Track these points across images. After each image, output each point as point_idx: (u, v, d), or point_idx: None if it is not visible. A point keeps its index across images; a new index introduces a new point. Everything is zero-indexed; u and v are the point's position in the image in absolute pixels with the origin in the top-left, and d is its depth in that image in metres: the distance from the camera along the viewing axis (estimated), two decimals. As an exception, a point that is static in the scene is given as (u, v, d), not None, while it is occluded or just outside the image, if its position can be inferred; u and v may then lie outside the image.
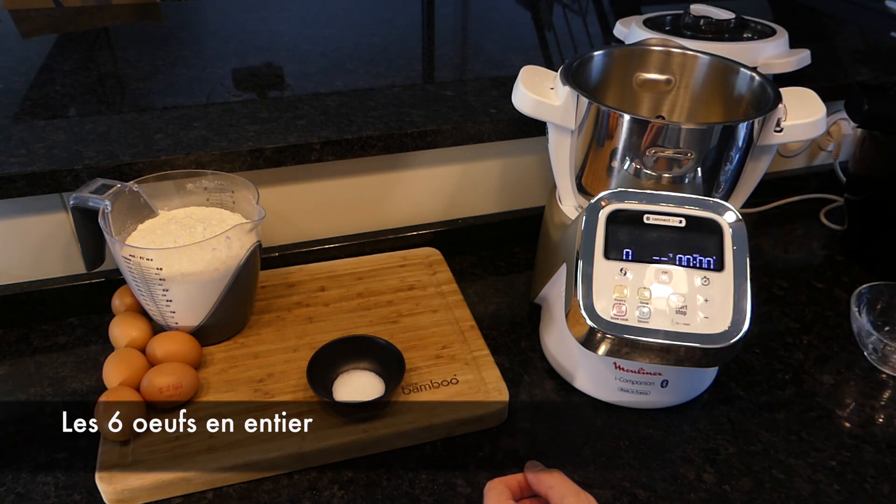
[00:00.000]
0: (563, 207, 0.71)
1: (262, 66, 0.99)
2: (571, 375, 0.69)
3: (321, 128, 0.78)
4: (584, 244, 0.60)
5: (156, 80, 0.93)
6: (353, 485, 0.60)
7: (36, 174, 0.68)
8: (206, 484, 0.59)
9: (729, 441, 0.64)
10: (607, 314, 0.58)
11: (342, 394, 0.64)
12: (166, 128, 0.77)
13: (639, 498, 0.59)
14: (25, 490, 0.59)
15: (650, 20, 0.99)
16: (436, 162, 0.85)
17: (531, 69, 0.69)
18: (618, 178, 0.64)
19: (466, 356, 0.69)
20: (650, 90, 0.73)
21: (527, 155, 0.88)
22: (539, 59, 1.05)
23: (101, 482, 0.56)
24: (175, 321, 0.67)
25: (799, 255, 0.94)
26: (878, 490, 0.60)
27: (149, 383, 0.61)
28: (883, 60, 1.06)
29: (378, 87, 0.89)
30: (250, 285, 0.72)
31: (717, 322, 0.58)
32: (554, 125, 0.67)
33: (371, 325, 0.74)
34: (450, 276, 0.81)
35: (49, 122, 0.79)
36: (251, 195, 0.70)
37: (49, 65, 0.97)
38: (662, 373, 0.65)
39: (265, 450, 0.59)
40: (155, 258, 0.62)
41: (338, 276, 0.81)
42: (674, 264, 0.60)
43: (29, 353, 0.73)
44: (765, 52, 0.90)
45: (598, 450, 0.63)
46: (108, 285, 0.75)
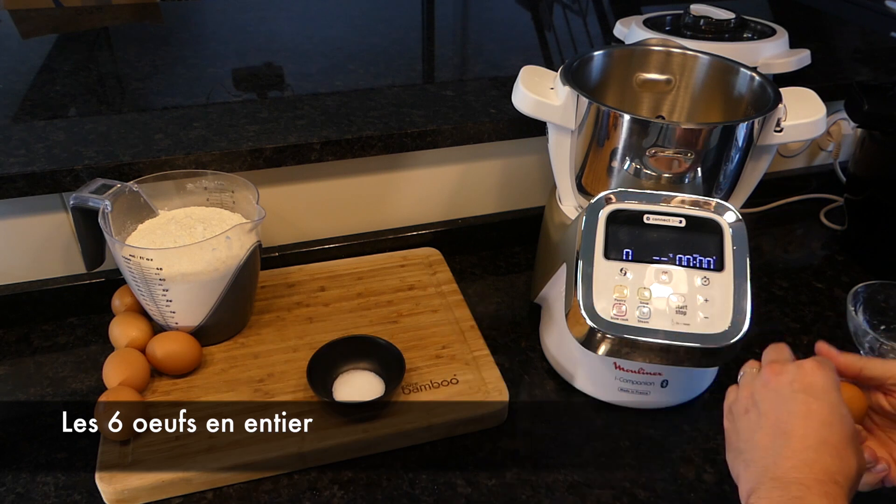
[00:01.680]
0: (563, 207, 0.71)
1: (262, 66, 0.99)
2: (571, 375, 0.69)
3: (321, 128, 0.78)
4: (584, 244, 0.60)
5: (156, 80, 0.93)
6: (353, 485, 0.60)
7: (36, 174, 0.68)
8: (206, 484, 0.59)
9: (729, 441, 0.64)
10: (607, 314, 0.58)
11: (342, 394, 0.64)
12: (166, 128, 0.77)
13: (639, 498, 0.59)
14: (25, 490, 0.59)
15: (650, 20, 0.99)
16: (436, 162, 0.85)
17: (531, 69, 0.69)
18: (618, 178, 0.64)
19: (466, 356, 0.69)
20: (650, 90, 0.73)
21: (527, 155, 0.88)
22: (539, 59, 1.05)
23: (101, 482, 0.56)
24: (175, 321, 0.67)
25: (799, 255, 0.94)
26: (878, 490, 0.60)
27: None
28: (883, 60, 1.06)
29: (378, 87, 0.89)
30: (250, 285, 0.72)
31: (717, 322, 0.58)
32: (554, 125, 0.67)
33: (371, 325, 0.74)
34: (450, 276, 0.81)
35: (49, 122, 0.79)
36: (251, 195, 0.70)
37: (49, 65, 0.97)
38: (662, 373, 0.65)
39: (265, 450, 0.59)
40: (155, 258, 0.62)
41: (338, 276, 0.81)
42: (674, 264, 0.60)
43: (29, 353, 0.73)
44: (765, 52, 0.90)
45: (598, 450, 0.63)
46: (108, 285, 0.75)
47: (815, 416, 0.44)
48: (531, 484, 0.60)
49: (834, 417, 0.44)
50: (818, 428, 0.44)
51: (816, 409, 0.44)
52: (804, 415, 0.44)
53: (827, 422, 0.44)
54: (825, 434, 0.43)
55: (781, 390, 0.46)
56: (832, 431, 0.44)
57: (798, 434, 0.44)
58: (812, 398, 0.45)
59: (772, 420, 0.45)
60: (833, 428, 0.44)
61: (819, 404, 0.45)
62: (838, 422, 0.44)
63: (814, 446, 0.43)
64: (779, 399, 0.46)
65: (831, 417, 0.44)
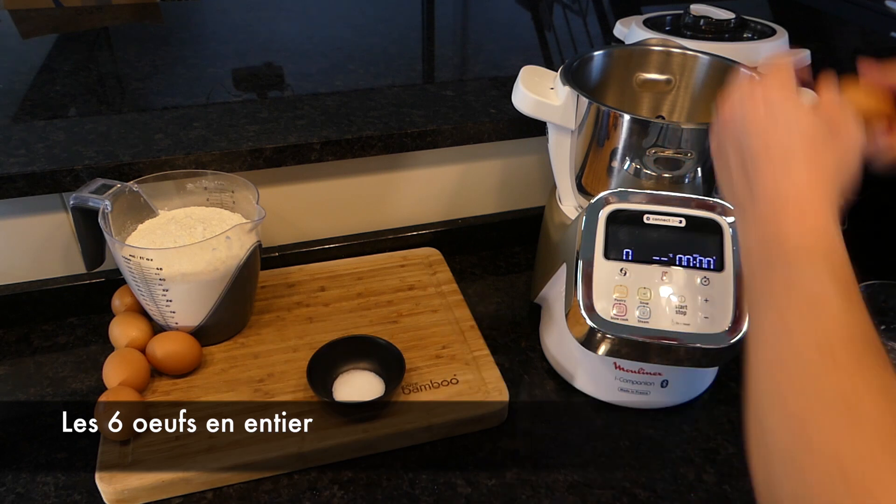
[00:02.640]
0: (563, 207, 0.71)
1: (262, 66, 0.99)
2: (571, 375, 0.69)
3: (321, 128, 0.78)
4: (584, 244, 0.60)
5: (156, 80, 0.93)
6: (353, 485, 0.60)
7: (36, 174, 0.68)
8: (206, 484, 0.59)
9: (729, 441, 0.64)
10: (607, 314, 0.58)
11: (342, 394, 0.64)
12: (166, 128, 0.77)
13: (639, 498, 0.59)
14: (25, 490, 0.59)
15: (650, 20, 0.99)
16: (436, 162, 0.85)
17: (531, 69, 0.69)
18: (618, 178, 0.64)
19: (466, 356, 0.69)
20: (650, 90, 0.73)
21: (527, 155, 0.88)
22: (539, 59, 1.05)
23: (101, 482, 0.56)
24: (175, 321, 0.67)
25: (799, 255, 0.94)
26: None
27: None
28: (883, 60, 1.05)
29: (378, 87, 0.89)
30: (250, 285, 0.72)
31: (717, 322, 0.58)
32: (554, 125, 0.67)
33: (371, 325, 0.74)
34: (450, 276, 0.81)
35: (49, 122, 0.79)
36: (251, 195, 0.70)
37: (49, 65, 0.97)
38: (662, 373, 0.65)
39: (265, 450, 0.59)
40: (155, 258, 0.62)
41: (338, 276, 0.81)
42: (674, 264, 0.60)
43: (29, 353, 0.73)
44: (765, 52, 0.90)
45: (598, 450, 0.63)
46: (108, 285, 0.75)
47: (773, 147, 0.43)
48: (531, 484, 0.60)
49: (792, 134, 0.43)
50: (781, 156, 0.42)
51: (775, 139, 0.43)
52: (764, 149, 0.43)
53: (784, 145, 0.43)
54: (788, 154, 0.42)
55: (737, 130, 0.45)
56: (793, 146, 0.42)
57: (765, 177, 0.43)
58: (768, 127, 0.44)
59: (738, 163, 0.45)
60: (793, 137, 0.43)
61: (775, 128, 0.43)
62: (796, 132, 0.43)
63: (781, 176, 0.42)
64: (736, 142, 0.45)
65: (788, 139, 0.43)
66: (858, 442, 0.32)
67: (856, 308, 0.37)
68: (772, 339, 0.38)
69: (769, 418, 0.36)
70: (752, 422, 0.37)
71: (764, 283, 0.41)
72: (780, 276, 0.39)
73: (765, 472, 0.35)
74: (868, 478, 0.30)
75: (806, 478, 0.32)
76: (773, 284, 0.40)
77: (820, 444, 0.33)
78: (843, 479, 0.31)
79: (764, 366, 0.38)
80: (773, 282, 0.40)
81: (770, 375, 0.38)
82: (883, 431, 0.31)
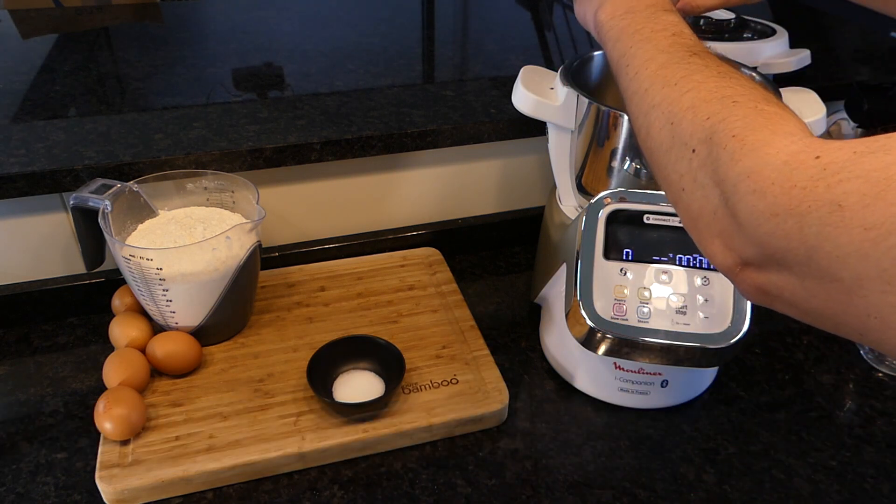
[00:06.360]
0: (563, 207, 0.71)
1: (262, 66, 0.99)
2: (571, 375, 0.69)
3: (321, 128, 0.78)
4: (584, 244, 0.60)
5: (156, 80, 0.93)
6: (353, 485, 0.60)
7: (36, 174, 0.68)
8: (206, 484, 0.59)
9: (729, 441, 0.64)
10: (607, 314, 0.58)
11: (342, 394, 0.64)
12: (166, 128, 0.77)
13: (639, 498, 0.59)
14: (25, 490, 0.59)
15: (650, 20, 0.98)
16: (436, 162, 0.85)
17: (531, 69, 0.69)
18: (618, 178, 0.64)
19: (466, 356, 0.69)
20: (650, 90, 0.73)
21: (527, 155, 0.88)
22: (539, 59, 1.05)
23: (101, 482, 0.56)
24: (175, 321, 0.67)
25: (799, 255, 0.94)
26: (878, 490, 0.60)
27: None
28: (883, 60, 1.06)
29: (378, 87, 0.89)
30: (250, 285, 0.72)
31: (717, 322, 0.58)
32: (554, 125, 0.67)
33: (371, 325, 0.74)
34: (450, 276, 0.81)
35: (49, 122, 0.79)
36: (251, 195, 0.70)
37: (49, 65, 0.97)
38: (662, 373, 0.65)
39: (265, 450, 0.59)
40: (155, 258, 0.62)
41: (338, 276, 0.81)
42: (674, 264, 0.60)
43: (29, 353, 0.73)
44: (765, 52, 0.90)
45: (598, 450, 0.63)
46: (108, 285, 0.75)
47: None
48: (531, 484, 0.60)
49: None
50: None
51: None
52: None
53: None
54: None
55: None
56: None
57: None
58: None
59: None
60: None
61: None
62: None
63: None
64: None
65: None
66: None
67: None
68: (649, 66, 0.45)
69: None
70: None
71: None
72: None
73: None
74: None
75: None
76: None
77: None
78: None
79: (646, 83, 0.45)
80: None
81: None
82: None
